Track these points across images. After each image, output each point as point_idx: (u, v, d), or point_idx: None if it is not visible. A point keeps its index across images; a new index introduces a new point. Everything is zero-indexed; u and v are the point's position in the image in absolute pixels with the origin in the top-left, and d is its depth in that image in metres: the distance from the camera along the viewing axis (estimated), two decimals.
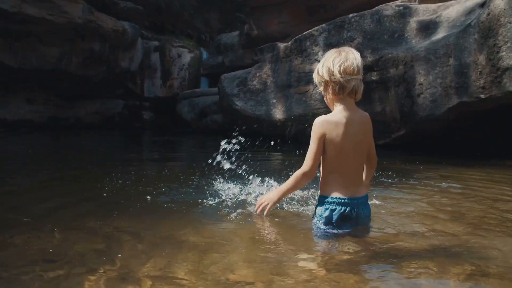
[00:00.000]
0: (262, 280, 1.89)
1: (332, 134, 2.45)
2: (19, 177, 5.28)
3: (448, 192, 4.23)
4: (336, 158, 2.47)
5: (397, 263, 2.12)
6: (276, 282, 1.87)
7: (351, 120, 2.49)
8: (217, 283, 1.87)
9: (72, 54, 16.70)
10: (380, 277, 1.95)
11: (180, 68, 22.46)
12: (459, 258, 2.17)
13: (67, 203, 3.62)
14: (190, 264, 2.10)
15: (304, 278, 1.92)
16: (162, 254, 2.24)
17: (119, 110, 20.35)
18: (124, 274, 1.97)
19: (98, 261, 2.12)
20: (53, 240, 2.49)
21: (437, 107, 7.65)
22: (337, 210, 2.51)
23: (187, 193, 3.98)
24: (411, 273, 1.97)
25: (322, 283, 1.88)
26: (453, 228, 2.78)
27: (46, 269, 2.03)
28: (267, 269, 2.03)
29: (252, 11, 18.19)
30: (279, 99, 11.59)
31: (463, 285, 1.85)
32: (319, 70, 2.55)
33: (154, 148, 11.62)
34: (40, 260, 2.17)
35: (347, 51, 2.50)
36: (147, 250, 2.34)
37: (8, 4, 14.13)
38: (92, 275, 1.95)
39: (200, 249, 2.32)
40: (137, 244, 2.43)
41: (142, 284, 1.86)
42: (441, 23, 8.32)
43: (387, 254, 2.28)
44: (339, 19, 10.32)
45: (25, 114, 16.88)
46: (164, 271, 2.00)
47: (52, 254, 2.25)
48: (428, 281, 1.89)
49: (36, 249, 2.35)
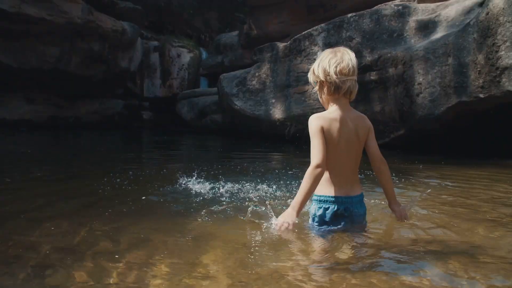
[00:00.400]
0: (255, 280, 1.89)
1: (327, 131, 2.44)
2: (15, 175, 5.26)
3: (447, 190, 4.22)
4: (329, 156, 2.45)
5: (394, 262, 2.12)
6: (270, 282, 1.87)
7: (345, 119, 2.48)
8: (210, 282, 1.87)
9: (71, 54, 16.71)
10: (374, 275, 1.94)
11: (180, 68, 22.48)
12: (457, 255, 2.16)
13: (55, 201, 3.63)
14: (179, 264, 2.10)
15: (299, 278, 1.91)
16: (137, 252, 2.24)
17: (119, 109, 20.37)
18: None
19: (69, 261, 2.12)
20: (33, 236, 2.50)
21: (436, 107, 7.65)
22: (330, 209, 2.50)
23: (181, 193, 3.97)
24: (408, 271, 1.96)
25: (317, 283, 1.87)
26: (451, 225, 2.77)
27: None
28: (260, 270, 2.02)
29: (251, 11, 18.21)
30: (278, 99, 11.60)
31: (463, 281, 1.85)
32: (314, 70, 2.54)
33: (153, 148, 11.62)
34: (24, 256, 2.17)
35: (343, 51, 2.49)
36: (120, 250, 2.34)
37: (7, 4, 14.14)
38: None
39: (195, 247, 2.32)
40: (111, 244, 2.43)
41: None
42: (440, 22, 8.32)
43: (383, 253, 2.27)
44: (338, 19, 10.33)
45: (25, 113, 16.89)
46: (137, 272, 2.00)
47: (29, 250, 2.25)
48: (425, 277, 1.89)
49: (21, 245, 2.35)
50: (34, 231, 2.65)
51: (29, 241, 2.47)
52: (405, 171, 5.50)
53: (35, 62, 15.93)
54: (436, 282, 1.86)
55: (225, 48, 21.31)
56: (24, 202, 3.62)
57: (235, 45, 20.52)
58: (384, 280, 1.89)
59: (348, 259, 2.17)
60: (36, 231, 2.66)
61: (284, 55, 11.68)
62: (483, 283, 1.84)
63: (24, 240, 2.49)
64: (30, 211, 3.24)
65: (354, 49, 9.41)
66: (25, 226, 2.81)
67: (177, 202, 3.58)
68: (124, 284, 1.86)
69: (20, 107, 16.79)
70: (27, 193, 4.06)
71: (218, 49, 21.80)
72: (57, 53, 16.33)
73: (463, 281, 1.88)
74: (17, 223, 2.88)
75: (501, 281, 1.88)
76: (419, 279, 1.89)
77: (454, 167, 6.23)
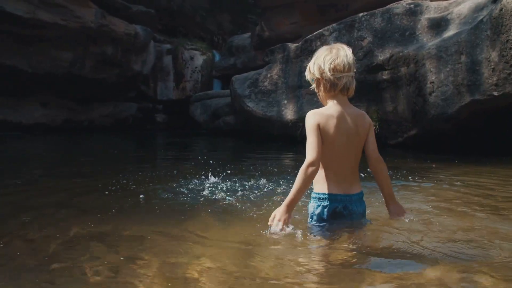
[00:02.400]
0: (253, 277, 1.86)
1: (324, 127, 2.41)
2: (26, 177, 5.31)
3: (458, 189, 4.14)
4: (327, 153, 2.42)
5: (395, 260, 2.07)
6: (269, 281, 1.84)
7: (343, 115, 2.44)
8: (216, 279, 1.85)
9: (84, 58, 16.86)
10: (374, 274, 1.90)
11: (193, 71, 22.55)
12: (462, 257, 2.11)
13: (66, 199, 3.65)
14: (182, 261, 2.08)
15: (298, 276, 1.89)
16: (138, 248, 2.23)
17: (132, 112, 20.51)
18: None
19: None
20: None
21: (449, 106, 7.54)
22: (329, 207, 2.46)
23: (192, 192, 3.97)
24: (410, 271, 1.92)
25: (316, 282, 1.84)
26: (459, 225, 2.72)
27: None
28: (260, 267, 2.00)
29: (263, 12, 18.18)
30: (290, 100, 11.56)
31: (466, 283, 1.80)
32: (310, 67, 2.52)
33: (166, 149, 11.67)
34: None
35: (338, 47, 2.46)
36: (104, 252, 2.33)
37: (22, 10, 14.31)
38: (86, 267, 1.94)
39: (195, 247, 2.30)
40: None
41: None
42: (452, 20, 8.20)
43: (384, 252, 2.22)
44: (349, 18, 10.25)
45: (40, 117, 17.07)
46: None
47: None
48: (429, 275, 1.84)
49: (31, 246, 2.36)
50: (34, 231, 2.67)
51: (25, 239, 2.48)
52: (415, 170, 5.44)
53: (49, 67, 16.10)
54: (442, 280, 1.81)
55: (237, 50, 21.32)
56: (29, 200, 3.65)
57: (248, 47, 20.51)
58: (385, 278, 1.85)
59: (347, 258, 2.13)
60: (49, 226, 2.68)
61: (295, 56, 11.64)
62: (494, 281, 1.79)
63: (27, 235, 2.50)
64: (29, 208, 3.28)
65: (366, 48, 9.36)
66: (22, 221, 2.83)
67: (185, 200, 3.64)
68: (121, 278, 1.85)
69: (35, 111, 16.97)
70: (31, 193, 4.09)
71: (230, 51, 21.81)
72: (71, 58, 16.50)
73: (472, 278, 1.83)
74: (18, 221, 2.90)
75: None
76: (423, 278, 1.85)
77: (467, 166, 6.13)
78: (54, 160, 8.00)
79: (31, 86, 16.36)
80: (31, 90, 16.62)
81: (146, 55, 19.76)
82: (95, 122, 19.03)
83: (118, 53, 17.83)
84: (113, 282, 1.90)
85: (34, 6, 14.51)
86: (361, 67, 8.91)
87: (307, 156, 2.38)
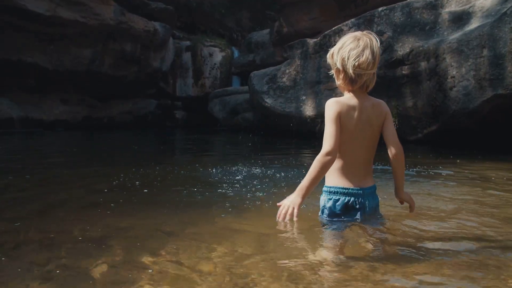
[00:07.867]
0: (263, 274, 1.82)
1: (345, 118, 2.34)
2: (34, 174, 5.36)
3: (479, 185, 4.03)
4: (343, 145, 2.34)
5: (408, 256, 2.00)
6: (278, 277, 1.79)
7: (363, 105, 2.37)
8: (225, 274, 1.81)
9: (104, 55, 17.04)
10: (387, 270, 1.84)
11: (212, 67, 22.61)
12: (475, 254, 2.03)
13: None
14: (192, 256, 2.04)
15: (310, 272, 1.83)
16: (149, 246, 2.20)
17: (152, 109, 20.64)
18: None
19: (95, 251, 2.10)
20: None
21: (470, 101, 7.37)
22: (341, 201, 2.39)
23: (211, 185, 3.95)
24: (422, 268, 1.85)
25: (327, 278, 1.78)
26: (478, 221, 2.63)
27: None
28: (271, 261, 1.96)
29: (282, 9, 18.08)
30: (309, 96, 11.47)
31: (475, 281, 1.72)
32: (334, 54, 2.40)
33: (186, 145, 11.69)
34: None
35: (366, 40, 2.32)
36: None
37: (43, 9, 14.54)
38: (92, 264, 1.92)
39: (208, 242, 2.27)
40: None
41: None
42: (474, 13, 8.01)
43: (397, 247, 2.15)
44: (369, 13, 10.12)
45: (60, 114, 17.32)
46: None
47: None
48: (442, 272, 1.77)
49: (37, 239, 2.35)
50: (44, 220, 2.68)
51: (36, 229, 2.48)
52: (435, 165, 5.33)
53: (69, 64, 16.32)
54: (455, 279, 1.74)
55: (256, 46, 21.27)
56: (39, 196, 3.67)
57: (267, 43, 20.45)
58: (400, 273, 1.79)
59: (359, 253, 2.07)
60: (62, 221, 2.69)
61: (314, 52, 11.54)
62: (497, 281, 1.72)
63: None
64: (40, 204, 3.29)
65: (385, 43, 9.21)
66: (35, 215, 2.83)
67: (202, 194, 3.60)
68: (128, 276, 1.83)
69: (56, 108, 17.23)
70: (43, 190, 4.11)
71: (249, 48, 21.78)
72: (90, 55, 16.69)
73: (471, 280, 1.75)
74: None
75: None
76: (439, 273, 1.78)
77: (490, 162, 5.98)
78: (80, 157, 8.06)
79: (51, 83, 16.61)
80: (51, 87, 16.87)
81: (165, 52, 19.86)
82: (114, 119, 19.21)
83: (137, 50, 17.96)
84: (118, 280, 1.87)
85: (55, 4, 14.71)
86: (381, 62, 8.77)
87: (324, 145, 2.31)
